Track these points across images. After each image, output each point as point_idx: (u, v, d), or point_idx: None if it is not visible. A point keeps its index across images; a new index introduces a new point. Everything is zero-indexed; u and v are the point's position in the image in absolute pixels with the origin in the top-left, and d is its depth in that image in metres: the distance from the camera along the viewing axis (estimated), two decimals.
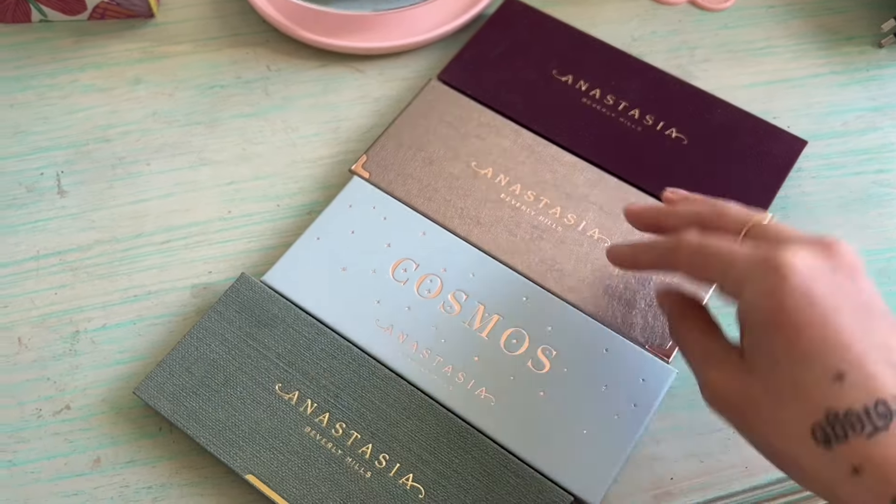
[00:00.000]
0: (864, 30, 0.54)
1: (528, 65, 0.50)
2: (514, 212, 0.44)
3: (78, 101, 0.51)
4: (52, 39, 0.53)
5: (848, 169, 0.48)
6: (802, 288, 0.29)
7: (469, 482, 0.37)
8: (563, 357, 0.40)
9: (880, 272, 0.45)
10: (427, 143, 0.46)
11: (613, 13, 0.54)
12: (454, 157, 0.46)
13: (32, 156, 0.49)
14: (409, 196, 0.45)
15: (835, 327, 0.29)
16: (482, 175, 0.45)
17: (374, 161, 0.46)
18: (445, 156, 0.46)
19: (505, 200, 0.44)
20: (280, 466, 0.37)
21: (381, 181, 0.45)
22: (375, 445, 0.38)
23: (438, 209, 0.44)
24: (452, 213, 0.44)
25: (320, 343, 0.40)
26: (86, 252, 0.45)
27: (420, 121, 0.47)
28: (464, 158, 0.46)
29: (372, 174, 0.45)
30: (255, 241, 0.46)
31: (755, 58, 0.53)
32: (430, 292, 0.42)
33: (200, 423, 0.38)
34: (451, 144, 0.46)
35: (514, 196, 0.44)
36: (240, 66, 0.52)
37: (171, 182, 0.48)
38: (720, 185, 0.45)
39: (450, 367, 0.40)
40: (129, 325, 0.43)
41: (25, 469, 0.39)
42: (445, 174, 0.45)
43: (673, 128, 0.48)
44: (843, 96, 0.51)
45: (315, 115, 0.51)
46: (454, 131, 0.47)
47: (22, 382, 0.41)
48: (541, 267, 0.42)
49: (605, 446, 0.38)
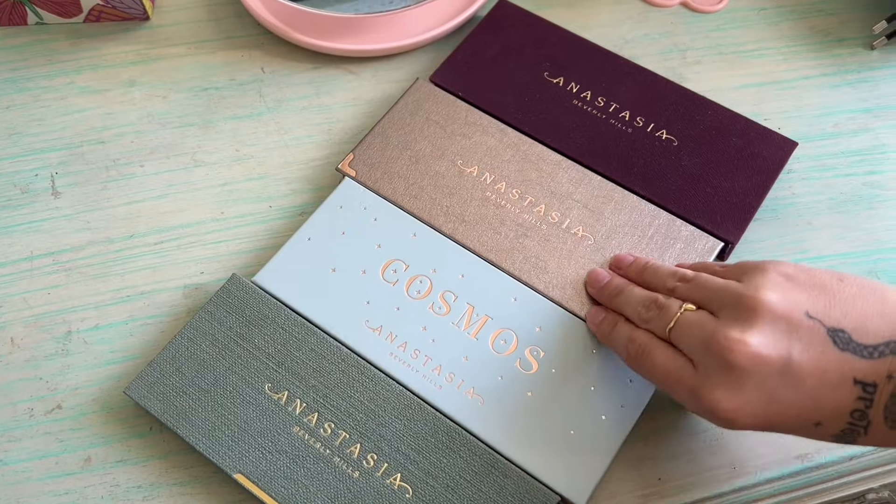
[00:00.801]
0: (856, 32, 0.54)
1: (520, 67, 0.50)
2: (498, 210, 0.44)
3: (73, 103, 0.51)
4: (47, 42, 0.54)
5: (839, 170, 0.49)
6: (744, 413, 0.33)
7: (457, 482, 0.37)
8: (551, 358, 0.40)
9: (870, 273, 0.45)
10: (413, 141, 0.47)
11: (606, 15, 0.55)
12: (440, 155, 0.46)
13: (27, 157, 0.49)
14: (395, 194, 0.45)
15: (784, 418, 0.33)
16: (468, 173, 0.45)
17: (360, 159, 0.46)
18: (432, 154, 0.46)
19: (490, 199, 0.45)
20: (269, 466, 0.37)
21: (368, 179, 0.45)
22: (364, 445, 0.38)
23: (424, 207, 0.45)
24: (438, 211, 0.44)
25: (310, 343, 0.40)
26: (79, 253, 0.45)
27: (407, 119, 0.47)
28: (449, 157, 0.46)
29: (358, 172, 0.45)
30: (247, 241, 0.46)
31: (746, 60, 0.53)
32: (420, 293, 0.42)
33: (190, 423, 0.38)
34: (437, 143, 0.47)
35: (498, 194, 0.45)
36: (234, 68, 0.53)
37: (164, 183, 0.48)
38: (710, 186, 0.45)
39: (438, 368, 0.40)
40: (121, 326, 0.43)
41: (17, 468, 0.39)
42: (431, 172, 0.46)
43: (664, 129, 0.48)
44: (835, 98, 0.51)
45: (308, 117, 0.51)
46: (440, 130, 0.47)
47: (14, 382, 0.41)
48: (525, 265, 0.43)
49: (593, 447, 0.38)
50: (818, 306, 0.33)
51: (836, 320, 0.32)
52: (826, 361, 0.32)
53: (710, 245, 0.43)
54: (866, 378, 0.32)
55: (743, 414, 0.33)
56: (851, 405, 0.32)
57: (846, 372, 0.32)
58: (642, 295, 0.38)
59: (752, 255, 0.45)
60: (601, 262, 0.43)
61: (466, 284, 0.42)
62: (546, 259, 0.43)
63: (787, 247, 0.46)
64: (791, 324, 0.32)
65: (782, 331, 0.32)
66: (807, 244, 0.46)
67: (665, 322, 0.36)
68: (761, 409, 0.33)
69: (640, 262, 0.41)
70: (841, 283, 0.34)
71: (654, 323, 0.37)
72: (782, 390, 0.32)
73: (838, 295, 0.33)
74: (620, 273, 0.42)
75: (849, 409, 0.32)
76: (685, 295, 0.37)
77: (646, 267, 0.41)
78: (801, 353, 0.32)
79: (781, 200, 0.47)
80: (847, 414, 0.32)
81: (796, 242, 0.46)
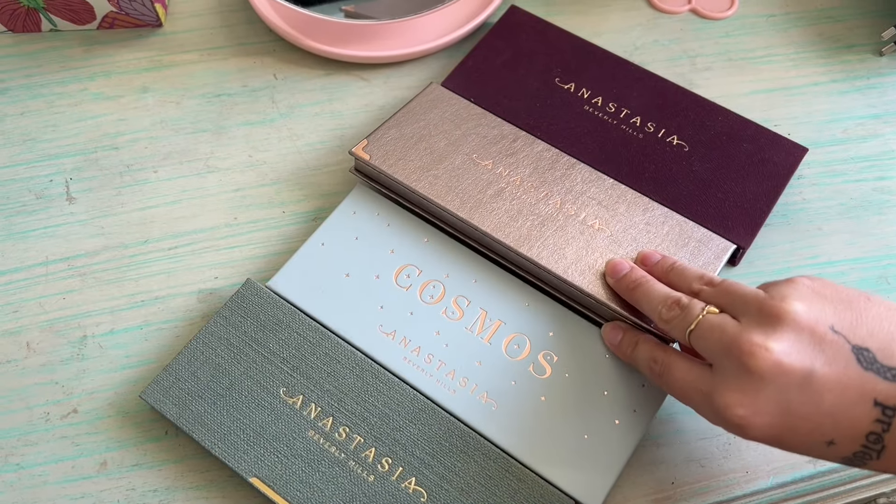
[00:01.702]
0: (865, 38, 0.54)
1: (532, 73, 0.51)
2: (515, 200, 0.44)
3: (87, 109, 0.52)
4: (61, 48, 0.54)
5: (848, 176, 0.49)
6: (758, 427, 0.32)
7: (471, 486, 0.37)
8: (564, 362, 0.40)
9: (880, 278, 0.45)
10: (428, 135, 0.47)
11: (616, 22, 0.55)
12: (455, 150, 0.46)
13: (42, 163, 0.49)
14: (409, 177, 0.44)
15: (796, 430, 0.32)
16: (483, 166, 0.45)
17: (375, 145, 0.46)
18: (446, 149, 0.46)
19: (506, 189, 0.45)
20: (284, 470, 0.38)
21: (383, 163, 0.45)
22: (378, 449, 0.38)
23: (440, 192, 0.44)
24: (453, 195, 0.44)
25: (324, 348, 0.41)
26: (94, 258, 0.46)
27: (420, 116, 0.47)
28: (464, 151, 0.46)
29: (372, 156, 0.45)
30: (260, 247, 0.46)
31: (756, 66, 0.53)
32: (433, 298, 0.42)
33: (206, 427, 0.39)
34: (451, 139, 0.46)
35: (514, 186, 0.45)
36: (246, 74, 0.53)
37: (178, 189, 0.48)
38: (721, 192, 0.46)
39: (452, 372, 0.40)
40: (135, 330, 0.43)
41: (33, 472, 0.39)
42: (446, 162, 0.45)
43: (674, 135, 0.48)
44: (844, 104, 0.52)
45: (320, 122, 0.51)
46: (455, 128, 0.47)
47: (30, 386, 0.42)
48: (544, 251, 0.42)
49: (606, 451, 0.38)
50: (844, 322, 0.32)
51: (862, 338, 0.32)
52: (848, 378, 0.31)
53: (722, 246, 0.43)
54: (887, 401, 0.31)
55: (755, 422, 0.32)
56: (868, 427, 0.31)
57: (867, 392, 0.31)
58: (664, 293, 0.38)
59: (763, 261, 0.46)
60: (620, 253, 0.42)
61: (479, 289, 0.42)
62: (564, 247, 0.43)
63: (798, 252, 0.46)
64: (815, 336, 0.32)
65: (806, 342, 0.32)
66: (818, 249, 0.46)
67: (686, 324, 0.35)
68: (775, 419, 0.32)
69: (667, 262, 0.41)
70: (868, 303, 0.33)
71: (674, 324, 0.36)
72: (799, 403, 0.31)
73: (865, 313, 0.33)
74: (645, 269, 0.41)
75: (865, 431, 0.31)
76: (710, 298, 0.36)
77: (672, 267, 0.40)
78: (823, 367, 0.31)
79: (792, 206, 0.48)
80: (863, 436, 0.31)
81: (807, 248, 0.46)
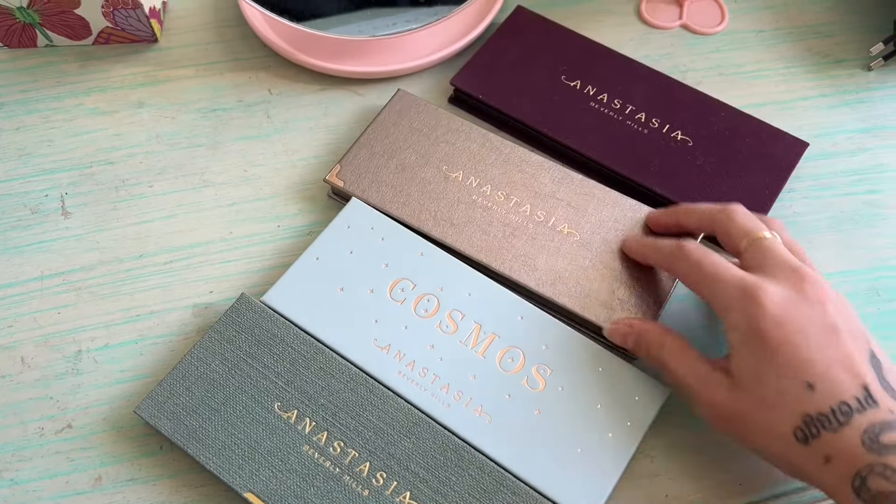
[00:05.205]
0: (853, 53, 0.55)
1: (538, 70, 0.52)
2: (485, 212, 0.45)
3: (82, 124, 0.52)
4: (57, 64, 0.54)
5: (838, 190, 0.49)
6: (775, 315, 0.35)
7: (466, 500, 0.37)
8: (558, 376, 0.40)
9: (870, 290, 0.46)
10: (398, 150, 0.48)
11: (608, 37, 0.56)
12: (425, 162, 0.47)
13: (37, 178, 0.49)
14: (383, 202, 0.46)
15: (803, 346, 0.34)
16: (453, 178, 0.46)
17: (347, 169, 0.47)
18: (417, 162, 0.47)
19: (476, 202, 0.46)
20: (279, 485, 0.38)
21: (356, 189, 0.46)
22: (373, 463, 0.38)
23: (413, 213, 0.45)
24: (426, 216, 0.45)
25: (319, 362, 0.41)
26: (89, 272, 0.46)
27: (390, 129, 0.49)
28: (434, 163, 0.47)
29: (346, 182, 0.46)
30: (255, 261, 0.47)
31: (746, 81, 0.54)
32: (427, 312, 0.42)
33: (200, 442, 0.39)
34: (421, 151, 0.48)
35: (484, 196, 0.46)
36: (241, 89, 0.53)
37: (173, 203, 0.49)
38: (725, 185, 0.47)
39: (446, 386, 0.40)
40: (130, 345, 0.44)
41: (27, 487, 0.39)
42: (418, 179, 0.47)
43: (678, 130, 0.49)
44: (833, 118, 0.52)
45: (315, 137, 0.52)
46: (424, 137, 0.48)
47: (25, 401, 0.42)
48: (515, 263, 0.44)
49: (600, 464, 0.38)
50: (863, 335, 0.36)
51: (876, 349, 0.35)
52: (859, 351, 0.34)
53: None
54: (875, 394, 0.33)
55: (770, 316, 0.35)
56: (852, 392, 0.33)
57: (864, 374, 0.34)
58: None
59: None
60: (587, 256, 0.44)
61: (473, 303, 0.43)
62: (535, 257, 0.44)
63: None
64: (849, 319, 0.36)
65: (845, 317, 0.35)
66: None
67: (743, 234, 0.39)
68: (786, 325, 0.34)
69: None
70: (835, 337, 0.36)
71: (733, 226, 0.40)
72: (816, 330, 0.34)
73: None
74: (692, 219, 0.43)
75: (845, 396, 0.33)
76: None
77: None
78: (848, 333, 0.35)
79: (783, 220, 0.48)
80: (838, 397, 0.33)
81: None
